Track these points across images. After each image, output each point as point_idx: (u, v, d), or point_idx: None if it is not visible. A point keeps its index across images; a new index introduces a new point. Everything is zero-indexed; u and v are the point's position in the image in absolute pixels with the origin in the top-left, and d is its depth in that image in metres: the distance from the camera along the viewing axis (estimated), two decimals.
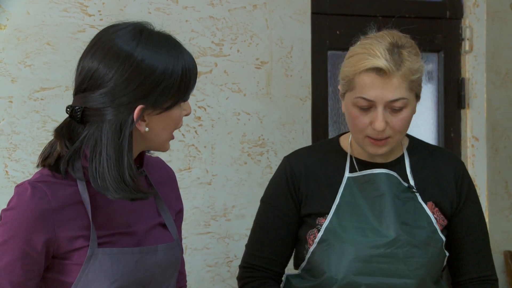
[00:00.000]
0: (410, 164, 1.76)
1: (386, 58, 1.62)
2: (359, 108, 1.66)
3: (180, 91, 1.39)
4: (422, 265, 1.68)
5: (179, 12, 2.43)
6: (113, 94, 1.35)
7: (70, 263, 1.37)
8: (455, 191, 1.77)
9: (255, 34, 2.53)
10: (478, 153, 2.99)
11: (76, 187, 1.38)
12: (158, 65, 1.36)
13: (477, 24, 2.98)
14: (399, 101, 1.64)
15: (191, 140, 2.45)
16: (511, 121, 3.01)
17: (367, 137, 1.68)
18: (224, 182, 2.48)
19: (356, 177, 1.73)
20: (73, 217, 1.36)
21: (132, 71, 1.35)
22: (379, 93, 1.63)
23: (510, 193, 3.02)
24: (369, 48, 1.65)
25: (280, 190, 1.77)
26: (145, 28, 1.41)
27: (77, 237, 1.36)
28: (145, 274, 1.42)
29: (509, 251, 2.95)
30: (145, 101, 1.36)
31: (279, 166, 1.82)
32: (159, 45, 1.38)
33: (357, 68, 1.65)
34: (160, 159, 1.62)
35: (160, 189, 1.53)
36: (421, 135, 3.04)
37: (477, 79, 2.98)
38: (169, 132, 1.43)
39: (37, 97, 2.25)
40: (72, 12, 2.28)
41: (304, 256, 1.74)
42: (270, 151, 2.53)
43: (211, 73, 2.47)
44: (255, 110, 2.53)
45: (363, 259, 1.65)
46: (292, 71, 2.58)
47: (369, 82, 1.63)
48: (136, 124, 1.36)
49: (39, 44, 2.25)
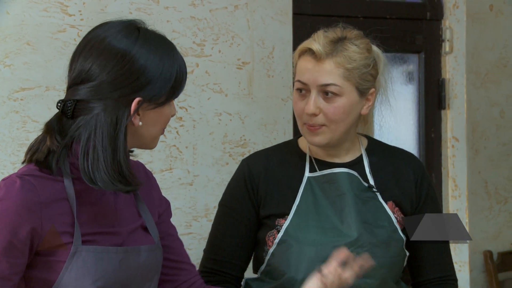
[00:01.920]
0: (369, 164, 1.76)
1: (320, 43, 1.66)
2: (298, 93, 1.70)
3: (174, 88, 1.43)
4: (383, 265, 1.68)
5: (160, 12, 2.42)
6: (106, 87, 1.37)
7: (53, 260, 1.36)
8: (414, 191, 1.78)
9: (236, 35, 2.53)
10: (458, 153, 3.01)
11: (62, 183, 1.38)
12: (156, 60, 1.40)
13: (457, 25, 3.00)
14: (331, 86, 1.66)
15: (173, 140, 2.44)
16: (491, 121, 3.04)
17: (305, 124, 1.70)
18: (206, 183, 2.48)
19: (316, 176, 1.73)
20: (59, 212, 1.36)
21: (130, 66, 1.37)
22: (311, 76, 1.67)
23: (490, 193, 3.04)
24: (313, 35, 1.71)
25: (238, 193, 1.76)
26: (141, 26, 1.46)
27: (61, 233, 1.36)
28: (128, 274, 1.41)
29: (489, 251, 2.97)
30: (143, 94, 1.38)
31: (237, 169, 1.81)
32: (156, 42, 1.42)
33: (297, 52, 1.72)
34: (140, 162, 1.62)
35: (141, 191, 1.52)
36: (401, 135, 3.06)
37: (457, 80, 3.01)
38: (160, 128, 1.45)
39: (16, 97, 2.23)
40: (52, 12, 2.27)
41: (263, 258, 1.72)
42: (252, 151, 2.53)
43: (192, 73, 2.47)
44: (237, 110, 2.53)
45: (324, 259, 1.60)
46: (274, 71, 2.58)
47: (304, 65, 1.69)
48: (133, 117, 1.38)
49: (19, 44, 2.23)
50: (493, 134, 3.04)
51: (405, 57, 3.01)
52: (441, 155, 3.03)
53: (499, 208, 3.06)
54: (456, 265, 3.01)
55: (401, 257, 1.73)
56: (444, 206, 3.04)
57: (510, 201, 3.09)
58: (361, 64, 1.68)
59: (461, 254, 3.00)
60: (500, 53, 3.05)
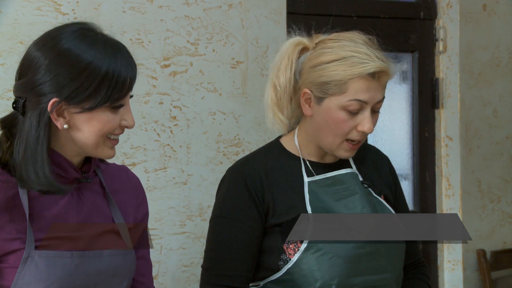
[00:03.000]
0: (353, 161, 1.76)
1: (381, 59, 1.63)
2: (348, 112, 1.63)
3: (102, 94, 1.34)
4: (397, 258, 1.70)
5: (154, 11, 2.41)
6: (33, 82, 1.35)
7: (6, 266, 1.35)
8: (392, 182, 1.80)
9: (230, 34, 2.53)
10: (452, 152, 3.01)
11: (18, 187, 1.37)
12: (81, 58, 1.34)
13: (450, 25, 3.01)
14: (381, 102, 1.67)
15: (167, 140, 2.44)
16: (484, 121, 3.05)
17: (346, 141, 1.66)
18: (200, 182, 2.47)
19: (318, 180, 1.70)
20: (11, 219, 1.34)
21: (53, 58, 1.34)
22: (372, 94, 1.63)
23: (483, 192, 3.05)
24: (360, 52, 1.63)
25: (241, 202, 1.67)
26: (90, 26, 1.40)
27: (13, 239, 1.34)
28: (86, 280, 1.38)
29: (482, 250, 2.98)
30: (59, 94, 1.34)
31: (229, 178, 1.72)
32: (94, 42, 1.36)
33: (355, 73, 1.61)
34: (125, 167, 1.60)
35: (117, 197, 1.50)
36: (395, 134, 3.07)
37: (450, 79, 3.01)
38: (96, 136, 1.37)
39: (10, 96, 2.22)
40: (46, 11, 2.26)
41: (279, 267, 1.66)
42: (246, 150, 2.53)
43: (186, 72, 2.47)
44: (231, 109, 2.53)
45: (354, 259, 1.63)
46: (268, 70, 2.58)
47: (366, 85, 1.62)
48: (52, 118, 1.35)
49: (12, 43, 2.22)
50: (486, 133, 3.05)
51: (399, 57, 3.01)
52: (434, 154, 3.03)
53: (492, 207, 3.07)
54: (450, 263, 3.02)
55: (404, 248, 1.75)
56: (438, 205, 3.05)
57: (503, 200, 3.10)
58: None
59: (454, 253, 3.00)
60: (493, 53, 3.06)
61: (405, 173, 3.05)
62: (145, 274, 1.58)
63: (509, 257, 3.08)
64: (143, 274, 1.58)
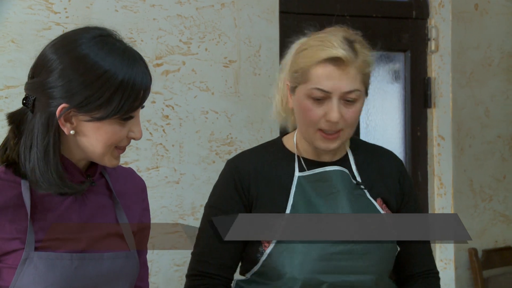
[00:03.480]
0: (355, 162, 1.77)
1: (344, 48, 1.62)
2: (313, 100, 1.64)
3: (114, 104, 1.31)
4: (378, 261, 1.69)
5: (146, 10, 2.41)
6: (44, 84, 1.33)
7: (5, 267, 1.35)
8: (398, 188, 1.79)
9: (223, 33, 2.53)
10: (444, 152, 3.02)
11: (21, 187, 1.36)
12: (97, 66, 1.31)
13: (442, 24, 3.01)
14: (354, 92, 1.64)
15: (159, 139, 2.43)
16: (476, 120, 3.06)
17: (318, 131, 1.66)
18: (192, 181, 2.47)
19: (307, 175, 1.72)
20: (12, 218, 1.34)
21: (68, 63, 1.32)
22: (335, 83, 1.62)
23: (475, 192, 3.06)
24: (325, 40, 1.65)
25: (228, 194, 1.72)
26: (110, 33, 1.38)
27: (13, 239, 1.34)
28: (85, 282, 1.37)
29: (473, 249, 2.99)
30: (70, 101, 1.31)
31: (223, 170, 1.76)
32: (112, 50, 1.33)
33: (314, 59, 1.64)
34: (131, 170, 1.59)
35: (123, 199, 1.50)
36: (387, 134, 3.07)
37: (443, 78, 3.02)
38: (103, 145, 1.36)
39: (1, 95, 2.22)
40: (37, 10, 2.25)
41: (257, 259, 1.69)
42: (238, 149, 2.52)
43: (179, 71, 2.46)
44: (223, 108, 2.53)
45: (324, 257, 1.63)
46: (260, 70, 2.58)
47: (326, 73, 1.63)
48: (60, 123, 1.33)
49: (3, 41, 2.21)
50: (478, 133, 3.06)
51: (391, 56, 3.02)
52: (426, 154, 3.04)
53: (484, 206, 3.08)
54: (442, 262, 3.02)
55: (393, 253, 1.74)
56: (430, 204, 3.05)
57: (495, 199, 3.11)
58: (373, 66, 1.69)
59: (446, 252, 3.01)
60: (485, 52, 3.07)
61: None
62: (143, 279, 1.58)
63: (501, 256, 3.09)
64: (141, 279, 1.57)
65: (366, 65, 1.66)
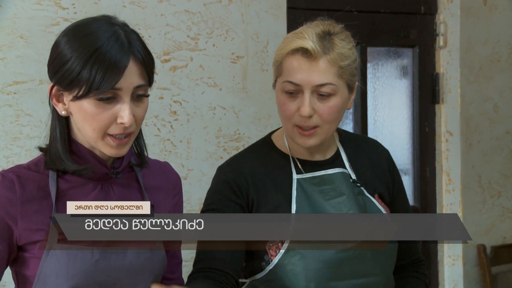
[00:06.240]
0: (347, 158, 1.72)
1: (313, 40, 1.57)
2: (286, 94, 1.60)
3: (85, 77, 1.30)
4: (386, 261, 1.67)
5: (154, 6, 2.41)
6: (47, 68, 1.37)
7: (30, 256, 1.36)
8: (390, 179, 1.76)
9: (230, 29, 2.53)
10: (452, 147, 3.01)
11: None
12: (74, 41, 1.32)
13: (451, 20, 3.00)
14: (327, 86, 1.58)
15: (167, 134, 2.44)
16: (485, 116, 3.05)
17: (296, 126, 1.61)
18: (200, 177, 2.47)
19: (306, 178, 1.66)
20: (38, 209, 1.35)
21: (54, 44, 1.35)
22: (305, 76, 1.58)
23: (484, 187, 3.05)
24: (299, 32, 1.61)
25: (224, 198, 1.63)
26: (112, 16, 1.38)
27: (38, 230, 1.35)
28: (107, 276, 1.37)
29: (482, 245, 2.98)
30: (55, 78, 1.34)
31: (217, 178, 1.68)
32: (100, 30, 1.32)
33: (284, 51, 1.60)
34: (167, 164, 1.57)
35: (153, 194, 1.49)
36: (395, 129, 3.07)
37: (451, 74, 3.01)
38: (91, 129, 1.34)
39: (10, 91, 2.22)
40: (46, 5, 2.26)
41: (261, 267, 1.64)
42: (246, 145, 2.52)
43: (186, 67, 2.46)
44: (231, 104, 2.53)
45: (334, 264, 1.60)
46: (268, 65, 2.58)
47: (296, 65, 1.58)
48: (53, 103, 1.36)
49: (12, 37, 2.22)
50: (487, 129, 3.05)
51: (399, 52, 3.01)
52: (435, 149, 3.03)
53: (492, 202, 3.07)
54: (450, 258, 3.02)
55: (395, 251, 1.72)
56: (438, 200, 3.05)
57: (503, 195, 3.10)
58: (352, 60, 1.62)
59: (454, 248, 3.00)
60: (493, 48, 3.05)
61: (405, 168, 3.05)
62: (175, 271, 1.58)
63: (509, 252, 3.08)
64: (173, 271, 1.57)
65: (342, 58, 1.59)
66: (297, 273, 1.61)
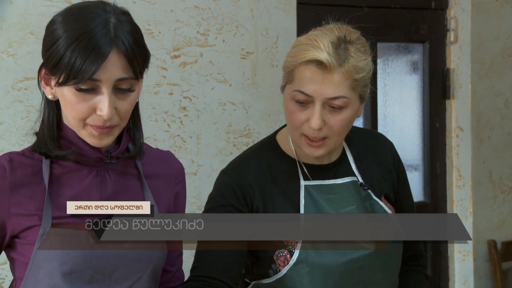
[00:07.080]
0: (353, 159, 1.68)
1: (329, 52, 1.51)
2: (296, 103, 1.55)
3: (65, 62, 1.29)
4: (393, 269, 1.65)
5: (164, 2, 2.41)
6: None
7: (25, 243, 1.35)
8: (395, 175, 1.73)
9: (240, 24, 2.53)
10: (462, 143, 3.00)
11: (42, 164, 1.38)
12: (61, 25, 1.31)
13: (462, 15, 2.99)
14: (339, 99, 1.53)
15: (177, 130, 2.44)
16: (496, 111, 3.03)
17: (303, 136, 1.57)
18: (210, 173, 2.48)
19: (315, 186, 1.62)
20: (31, 195, 1.35)
21: (47, 30, 1.35)
22: (318, 88, 1.52)
23: (494, 183, 3.04)
24: (313, 40, 1.54)
25: (227, 203, 1.59)
26: (108, 3, 1.38)
27: (31, 215, 1.34)
28: (104, 262, 1.36)
29: (492, 241, 2.97)
30: (43, 61, 1.34)
31: (220, 182, 1.64)
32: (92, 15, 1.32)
33: (298, 59, 1.54)
34: (170, 153, 1.56)
35: (153, 182, 1.48)
36: (406, 125, 3.06)
37: (462, 69, 3.00)
38: (70, 116, 1.34)
39: (20, 86, 2.23)
40: (56, 2, 2.26)
41: (268, 274, 1.61)
42: (255, 141, 2.52)
43: (196, 63, 2.47)
44: (241, 100, 2.53)
45: (344, 275, 1.57)
46: (278, 61, 2.58)
47: (308, 75, 1.52)
48: (42, 85, 1.36)
49: (23, 33, 2.23)
50: (498, 124, 3.04)
51: (409, 47, 3.00)
52: (445, 145, 3.02)
53: (503, 197, 3.06)
54: (460, 254, 3.01)
55: (400, 254, 1.70)
56: (449, 196, 3.04)
57: None
58: (367, 72, 1.56)
59: (465, 244, 3.00)
60: (504, 43, 3.04)
61: (415, 164, 3.04)
62: (175, 264, 1.56)
63: None
64: (172, 264, 1.56)
65: (357, 70, 1.53)
66: (305, 285, 1.58)
